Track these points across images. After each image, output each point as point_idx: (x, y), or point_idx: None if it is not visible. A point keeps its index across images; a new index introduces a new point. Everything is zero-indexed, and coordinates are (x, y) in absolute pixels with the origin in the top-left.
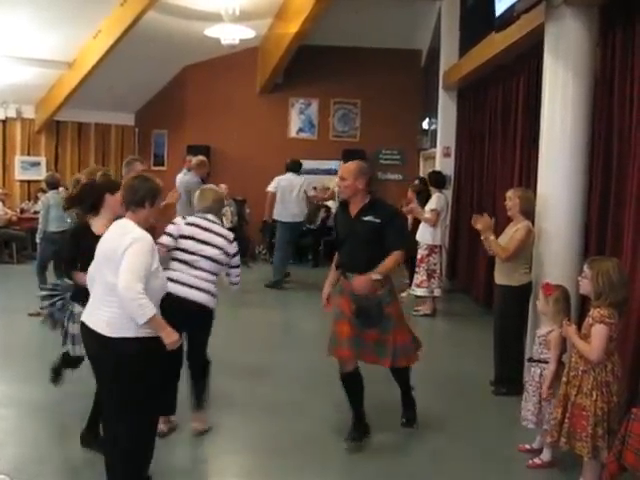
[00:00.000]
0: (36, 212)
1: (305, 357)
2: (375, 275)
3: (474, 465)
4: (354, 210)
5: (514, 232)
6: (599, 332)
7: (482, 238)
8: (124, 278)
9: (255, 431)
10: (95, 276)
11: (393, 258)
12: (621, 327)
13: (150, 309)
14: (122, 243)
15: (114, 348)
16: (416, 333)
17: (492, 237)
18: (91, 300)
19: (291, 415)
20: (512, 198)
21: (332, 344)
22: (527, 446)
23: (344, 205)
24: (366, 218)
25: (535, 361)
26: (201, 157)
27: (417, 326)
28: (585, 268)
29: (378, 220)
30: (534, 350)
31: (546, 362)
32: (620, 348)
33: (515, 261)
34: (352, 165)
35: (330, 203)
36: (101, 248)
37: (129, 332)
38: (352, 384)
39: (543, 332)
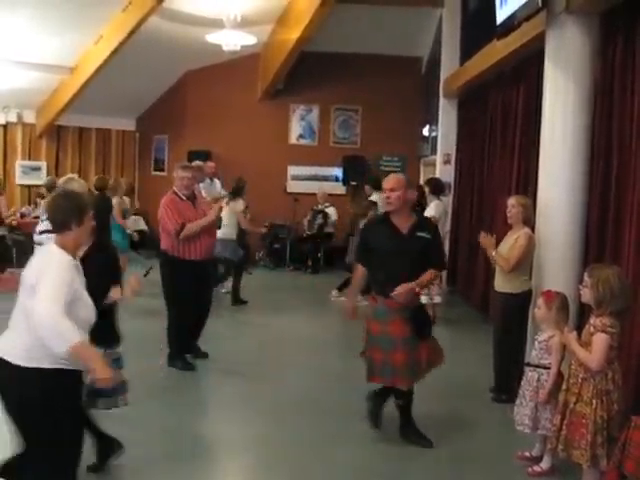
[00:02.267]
0: (36, 217)
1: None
2: (417, 287)
3: (473, 472)
4: (403, 224)
5: (515, 240)
6: (601, 341)
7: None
8: (39, 302)
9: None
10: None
11: (430, 274)
12: (625, 334)
13: (72, 334)
14: (40, 268)
15: (23, 379)
16: None
17: (494, 253)
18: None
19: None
20: (515, 205)
21: (386, 373)
22: (526, 453)
23: (384, 219)
24: (420, 234)
25: (533, 366)
26: (198, 162)
27: None
28: (586, 276)
29: (429, 236)
30: (532, 355)
31: (544, 367)
32: (624, 356)
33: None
34: (401, 176)
35: (331, 210)
36: (23, 273)
37: (44, 362)
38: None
39: (544, 337)
